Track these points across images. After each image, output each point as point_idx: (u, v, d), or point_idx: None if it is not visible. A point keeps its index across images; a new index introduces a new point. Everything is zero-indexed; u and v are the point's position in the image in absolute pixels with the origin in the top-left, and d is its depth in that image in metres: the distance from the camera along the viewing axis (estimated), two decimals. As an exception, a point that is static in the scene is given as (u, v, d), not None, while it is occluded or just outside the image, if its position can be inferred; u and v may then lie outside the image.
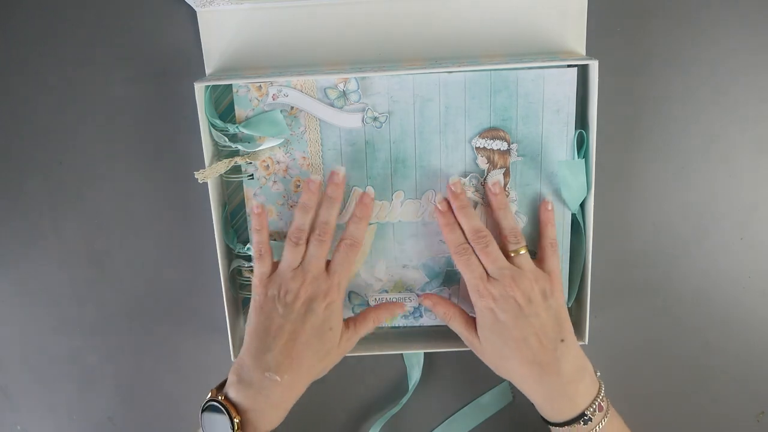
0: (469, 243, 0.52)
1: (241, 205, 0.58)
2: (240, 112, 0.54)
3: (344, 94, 0.53)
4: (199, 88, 0.52)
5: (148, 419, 0.67)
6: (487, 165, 0.55)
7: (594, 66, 0.51)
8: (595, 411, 0.50)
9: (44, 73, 0.58)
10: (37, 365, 0.66)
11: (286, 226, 0.57)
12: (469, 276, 0.52)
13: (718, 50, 0.56)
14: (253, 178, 0.56)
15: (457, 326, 0.55)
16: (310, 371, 0.51)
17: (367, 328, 0.54)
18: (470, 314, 0.55)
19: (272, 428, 0.50)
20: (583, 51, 0.55)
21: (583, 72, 0.53)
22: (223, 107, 0.55)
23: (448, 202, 0.54)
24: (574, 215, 0.56)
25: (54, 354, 0.65)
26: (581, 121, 0.54)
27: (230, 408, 0.48)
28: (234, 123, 0.55)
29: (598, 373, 0.52)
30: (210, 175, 0.54)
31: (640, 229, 0.60)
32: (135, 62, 0.57)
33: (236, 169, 0.56)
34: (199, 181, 0.54)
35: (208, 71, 0.56)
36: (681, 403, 0.64)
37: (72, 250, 0.62)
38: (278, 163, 0.56)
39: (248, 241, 0.58)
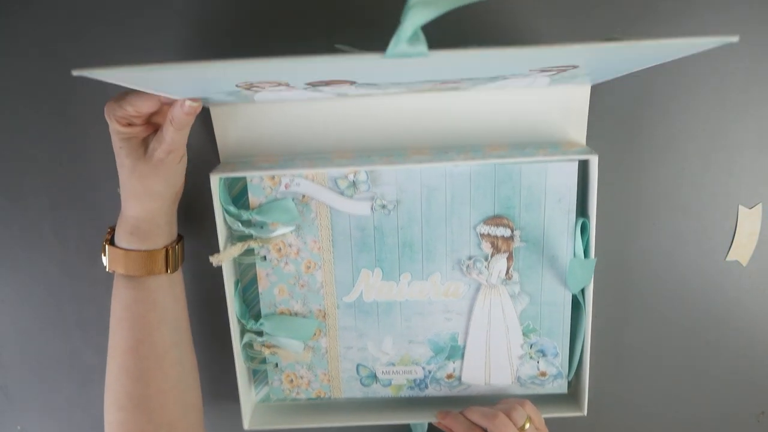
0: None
1: (253, 280, 0.60)
2: (253, 199, 0.57)
3: (354, 184, 0.56)
4: (215, 179, 0.55)
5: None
6: (491, 250, 0.57)
7: (594, 161, 0.53)
8: None
9: (44, 73, 0.58)
10: (37, 365, 0.66)
11: (298, 305, 0.60)
12: None
13: (718, 49, 0.54)
14: (265, 260, 0.58)
15: None
16: (131, 183, 0.51)
17: (168, 135, 0.48)
18: None
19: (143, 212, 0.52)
20: (583, 141, 0.57)
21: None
22: (237, 190, 0.57)
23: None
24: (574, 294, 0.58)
25: (54, 354, 0.65)
26: (581, 205, 0.56)
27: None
28: (247, 208, 0.57)
29: None
30: (225, 258, 0.56)
31: (640, 228, 0.60)
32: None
33: (249, 251, 0.58)
34: (213, 265, 0.56)
35: (221, 158, 0.58)
36: (681, 403, 0.65)
37: (72, 250, 0.62)
38: (290, 246, 0.58)
39: (260, 317, 0.60)
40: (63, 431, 0.68)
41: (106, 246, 0.53)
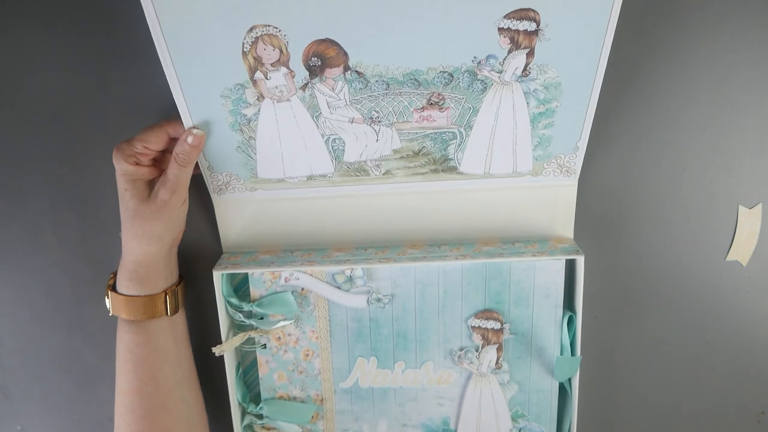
0: None
1: (254, 363, 0.62)
2: (254, 291, 0.59)
3: (351, 279, 0.58)
4: (218, 275, 0.57)
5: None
6: (482, 341, 0.59)
7: (580, 261, 0.56)
8: None
9: (44, 73, 0.58)
10: (37, 365, 0.66)
11: (297, 390, 0.62)
12: None
13: (717, 49, 0.56)
14: (265, 348, 0.61)
15: None
16: (133, 225, 0.53)
17: (172, 173, 0.52)
18: None
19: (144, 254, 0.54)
20: (571, 235, 0.59)
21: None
22: (239, 279, 0.60)
23: None
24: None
25: (54, 354, 0.66)
26: (569, 298, 0.59)
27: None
28: (248, 296, 0.59)
29: None
30: (227, 349, 0.59)
31: (640, 229, 0.61)
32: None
33: (250, 339, 0.61)
34: (216, 355, 0.58)
35: (224, 247, 0.60)
36: (681, 403, 0.65)
37: (72, 250, 0.63)
38: (289, 335, 0.60)
39: (259, 399, 0.63)
40: (63, 431, 0.69)
41: (109, 291, 0.56)
